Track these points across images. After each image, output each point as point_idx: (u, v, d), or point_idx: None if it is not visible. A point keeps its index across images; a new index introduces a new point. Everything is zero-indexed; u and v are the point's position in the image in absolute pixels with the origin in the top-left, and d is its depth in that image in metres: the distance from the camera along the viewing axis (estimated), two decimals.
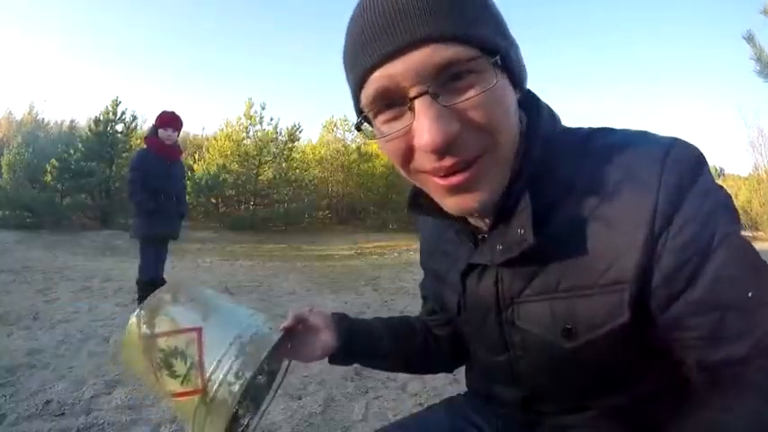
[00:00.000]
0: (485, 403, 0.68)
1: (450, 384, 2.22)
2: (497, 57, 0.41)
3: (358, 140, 15.82)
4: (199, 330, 0.57)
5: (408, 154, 0.44)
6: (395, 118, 0.43)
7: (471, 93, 0.40)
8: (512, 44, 0.46)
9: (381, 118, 0.44)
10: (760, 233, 11.67)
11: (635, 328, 0.46)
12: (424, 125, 0.40)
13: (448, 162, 0.42)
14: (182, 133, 3.74)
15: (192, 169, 12.53)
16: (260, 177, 12.27)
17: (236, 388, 0.54)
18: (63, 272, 4.94)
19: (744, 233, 0.49)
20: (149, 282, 3.52)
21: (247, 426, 0.64)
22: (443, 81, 0.40)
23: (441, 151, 0.41)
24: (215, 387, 0.54)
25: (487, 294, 0.54)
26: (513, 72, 0.45)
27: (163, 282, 3.63)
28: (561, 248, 0.47)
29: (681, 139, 0.46)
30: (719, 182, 0.48)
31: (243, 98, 22.10)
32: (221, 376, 0.54)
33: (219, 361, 0.55)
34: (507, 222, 0.49)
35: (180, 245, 7.82)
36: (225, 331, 0.58)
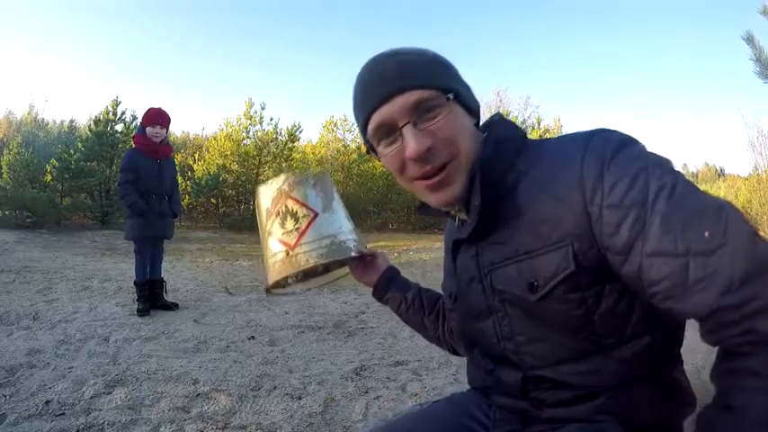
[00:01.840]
0: (484, 396, 0.73)
1: (450, 384, 2.22)
2: (450, 94, 0.59)
3: (358, 141, 15.83)
4: (316, 215, 0.78)
5: (402, 166, 0.61)
6: (391, 142, 0.61)
7: (437, 118, 0.58)
8: (463, 86, 0.64)
9: (382, 143, 0.62)
10: (760, 233, 11.64)
11: (586, 281, 0.55)
12: (409, 142, 0.58)
13: (427, 168, 0.59)
14: (182, 133, 3.74)
15: (191, 169, 12.52)
16: (260, 178, 12.25)
17: (311, 261, 0.75)
18: (63, 272, 4.94)
19: None
20: (146, 282, 3.52)
21: (289, 285, 0.88)
22: (419, 113, 0.59)
23: (421, 158, 0.58)
24: (300, 251, 0.76)
25: (471, 266, 0.67)
26: (467, 104, 0.62)
27: (161, 282, 3.64)
28: (520, 220, 0.59)
29: (608, 128, 0.58)
30: (719, 182, 0.50)
31: (243, 98, 22.08)
32: (308, 249, 0.76)
33: (315, 240, 0.76)
34: (470, 201, 0.62)
35: (180, 245, 7.83)
36: (329, 227, 0.78)
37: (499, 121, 0.67)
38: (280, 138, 12.84)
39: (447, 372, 2.42)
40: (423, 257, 7.17)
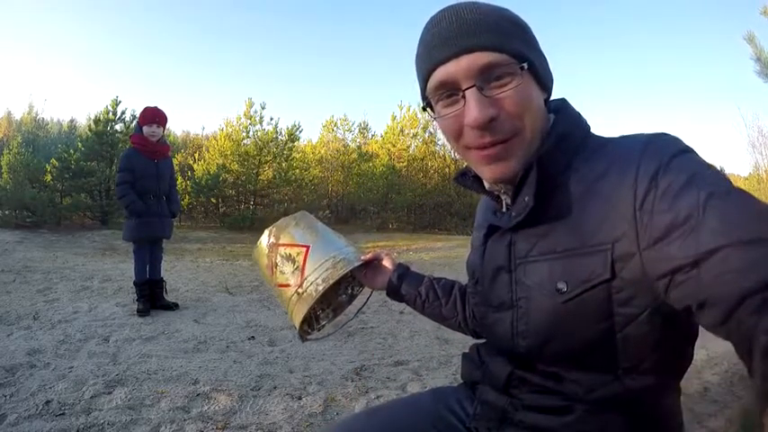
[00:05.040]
0: (471, 392, 0.73)
1: (450, 384, 2.22)
2: (524, 63, 0.54)
3: (358, 141, 15.83)
4: (308, 247, 0.80)
5: (459, 131, 0.58)
6: (451, 104, 0.57)
7: (506, 87, 0.54)
8: (539, 56, 0.59)
9: (441, 103, 0.58)
10: None
11: (620, 294, 0.51)
12: (470, 108, 0.54)
13: (487, 138, 0.55)
14: (182, 133, 3.71)
15: (191, 169, 12.51)
16: (260, 177, 12.23)
17: (320, 287, 0.75)
18: (63, 272, 4.94)
19: None
20: (145, 282, 3.51)
21: (323, 326, 0.90)
22: (486, 78, 0.54)
23: (481, 127, 0.54)
24: (307, 284, 0.76)
25: (501, 255, 0.64)
26: (540, 76, 0.58)
27: (160, 282, 3.64)
28: (562, 217, 0.56)
29: (669, 133, 0.53)
30: None
31: (243, 98, 22.10)
32: (313, 278, 0.76)
33: (316, 268, 0.77)
34: (520, 193, 0.59)
35: (180, 245, 7.83)
36: (325, 251, 0.80)
37: (564, 110, 0.62)
38: (280, 137, 12.82)
39: (447, 372, 2.43)
40: (423, 257, 7.17)
